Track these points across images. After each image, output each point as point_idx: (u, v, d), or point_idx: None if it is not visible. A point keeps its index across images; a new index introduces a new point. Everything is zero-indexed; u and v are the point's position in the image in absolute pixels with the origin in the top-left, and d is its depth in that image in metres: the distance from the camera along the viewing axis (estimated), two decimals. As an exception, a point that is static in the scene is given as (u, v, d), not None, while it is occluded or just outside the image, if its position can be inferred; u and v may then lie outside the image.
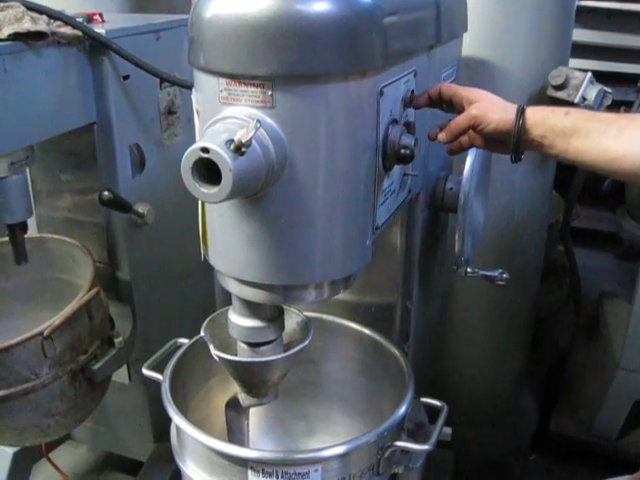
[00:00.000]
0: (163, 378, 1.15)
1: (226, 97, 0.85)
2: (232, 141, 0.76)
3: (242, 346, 1.05)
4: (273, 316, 1.02)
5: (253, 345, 1.04)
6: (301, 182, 0.86)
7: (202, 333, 1.09)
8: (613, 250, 3.06)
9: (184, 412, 1.21)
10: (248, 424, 1.16)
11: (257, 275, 0.93)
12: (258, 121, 0.77)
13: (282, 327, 1.05)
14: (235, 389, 1.13)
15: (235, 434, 1.15)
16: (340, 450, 0.99)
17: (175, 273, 1.69)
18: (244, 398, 1.12)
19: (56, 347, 1.29)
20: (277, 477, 0.97)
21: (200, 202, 0.96)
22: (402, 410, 1.06)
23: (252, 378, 1.08)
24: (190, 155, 0.78)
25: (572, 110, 1.03)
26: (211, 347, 1.06)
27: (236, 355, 1.06)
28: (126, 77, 1.42)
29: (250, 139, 0.76)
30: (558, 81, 1.53)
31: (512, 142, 1.05)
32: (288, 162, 0.85)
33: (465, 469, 1.88)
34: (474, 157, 1.26)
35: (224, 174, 0.76)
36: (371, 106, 0.90)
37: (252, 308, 1.00)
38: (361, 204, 0.94)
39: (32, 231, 1.63)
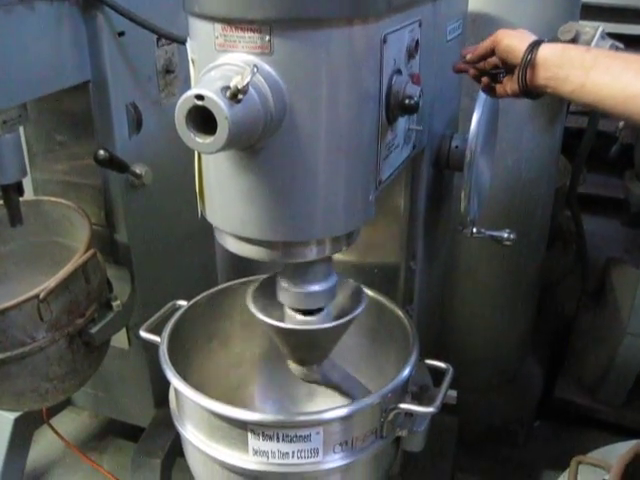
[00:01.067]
0: (161, 340, 1.12)
1: (222, 44, 0.81)
2: (228, 88, 0.73)
3: (290, 313, 1.01)
4: (325, 283, 0.99)
5: (306, 313, 1.00)
6: (301, 133, 0.82)
7: (249, 302, 1.02)
8: (620, 217, 3.01)
9: (183, 375, 1.19)
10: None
11: (255, 231, 0.90)
12: (255, 66, 0.74)
13: (334, 295, 1.02)
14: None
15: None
16: (342, 412, 0.96)
17: (174, 235, 1.66)
18: (294, 368, 1.10)
19: (52, 310, 1.27)
20: (277, 440, 0.95)
21: (196, 155, 0.93)
22: (406, 372, 1.03)
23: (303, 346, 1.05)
24: (184, 103, 0.74)
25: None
26: (264, 318, 1.01)
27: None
28: (121, 33, 1.38)
29: (247, 85, 0.72)
30: (568, 36, 1.47)
31: (523, 59, 1.01)
32: (287, 112, 0.81)
33: (469, 435, 1.87)
34: (480, 114, 1.22)
35: (220, 122, 0.72)
36: (374, 54, 0.86)
37: (305, 275, 0.97)
38: (364, 157, 0.90)
39: (28, 194, 1.60)
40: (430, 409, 1.00)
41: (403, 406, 1.01)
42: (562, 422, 2.09)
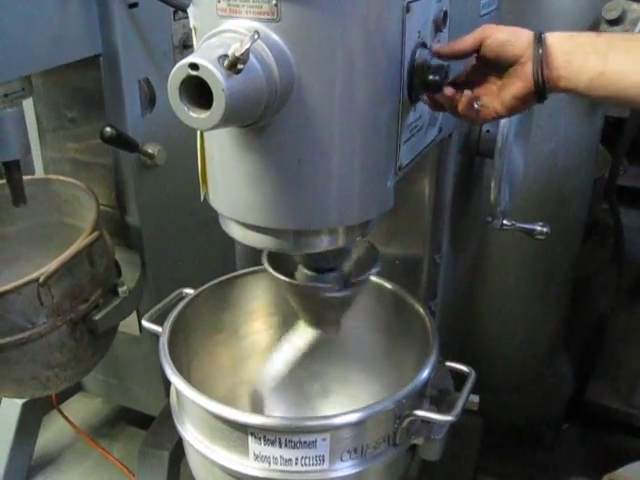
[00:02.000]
0: (162, 331, 1.05)
1: (224, 9, 0.73)
2: (226, 56, 0.64)
3: (307, 272, 0.98)
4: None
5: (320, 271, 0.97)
6: (311, 109, 0.74)
7: (265, 263, 1.01)
8: (660, 211, 2.89)
9: (186, 370, 1.13)
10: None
11: (261, 219, 0.82)
12: (256, 32, 0.65)
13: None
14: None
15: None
16: (352, 418, 0.88)
17: (189, 219, 1.59)
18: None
19: (53, 295, 1.20)
20: (280, 445, 0.87)
21: (199, 133, 0.85)
22: (424, 375, 0.94)
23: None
24: (177, 72, 0.66)
25: (602, 32, 0.86)
26: (280, 276, 0.99)
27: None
28: (133, 5, 1.31)
29: (246, 52, 0.63)
30: (613, 14, 1.36)
31: (535, 50, 0.82)
32: (296, 85, 0.73)
33: (493, 437, 1.78)
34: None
35: (216, 95, 0.64)
36: (395, 23, 0.77)
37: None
38: (382, 138, 0.82)
39: (38, 172, 1.55)
40: (449, 417, 0.92)
41: (419, 413, 0.92)
42: (593, 425, 1.99)
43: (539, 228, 1.20)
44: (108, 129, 1.22)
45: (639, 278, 2.24)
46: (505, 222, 1.20)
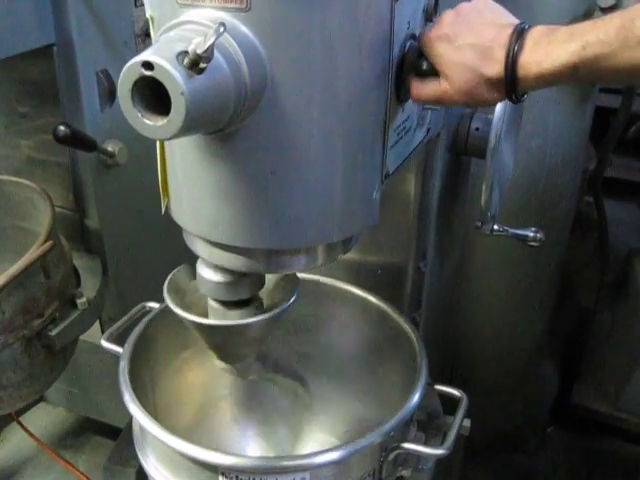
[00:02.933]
0: (122, 353, 0.95)
1: (185, -4, 0.62)
2: (186, 53, 0.54)
3: (213, 305, 0.85)
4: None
5: (227, 304, 0.84)
6: (286, 113, 0.64)
7: (164, 292, 0.88)
8: (642, 202, 2.84)
9: (151, 391, 1.03)
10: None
11: (230, 236, 0.72)
12: (222, 24, 0.55)
13: (262, 283, 0.84)
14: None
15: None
16: (333, 456, 0.79)
17: (153, 222, 1.47)
18: (218, 364, 0.94)
19: (4, 310, 1.10)
20: (254, 487, 0.78)
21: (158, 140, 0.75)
22: (412, 403, 0.85)
23: (225, 342, 0.90)
24: (128, 72, 0.56)
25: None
26: (175, 308, 0.86)
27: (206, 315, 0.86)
28: (90, -11, 1.19)
29: (209, 49, 0.53)
30: (609, 2, 1.28)
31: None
32: (269, 85, 0.63)
33: (477, 441, 1.71)
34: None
35: (174, 99, 0.54)
36: (384, 12, 0.67)
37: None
38: (367, 144, 0.72)
39: (-10, 172, 1.43)
40: (440, 451, 0.83)
41: (407, 446, 0.83)
42: (578, 429, 1.93)
43: (532, 234, 1.12)
44: (62, 128, 1.12)
45: (624, 272, 2.17)
46: (496, 227, 1.12)
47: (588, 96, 1.53)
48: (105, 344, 1.00)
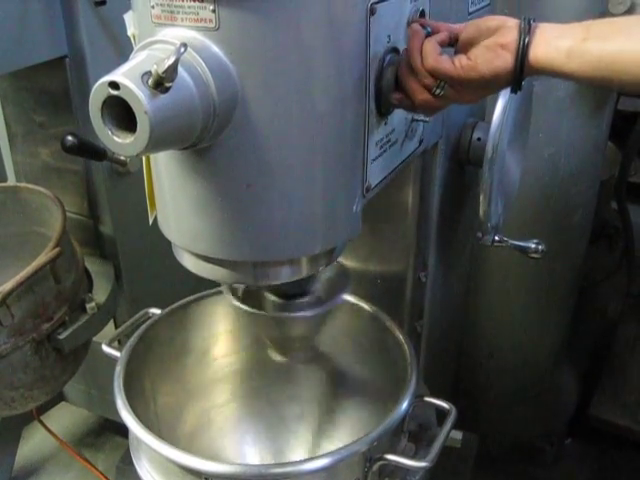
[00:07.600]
0: (120, 358, 0.97)
1: (159, 15, 0.65)
2: (151, 73, 0.56)
3: (270, 297, 0.91)
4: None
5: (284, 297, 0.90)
6: (258, 128, 0.65)
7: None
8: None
9: (151, 396, 1.05)
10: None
11: (210, 248, 0.73)
12: (183, 44, 0.56)
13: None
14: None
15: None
16: (316, 465, 0.79)
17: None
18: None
19: (14, 314, 1.13)
20: (241, 494, 0.79)
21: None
22: (397, 415, 0.86)
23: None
24: (97, 92, 0.58)
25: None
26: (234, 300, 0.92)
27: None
28: (100, 3, 1.22)
29: (170, 69, 0.55)
30: (621, 9, 1.26)
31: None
32: (240, 101, 0.64)
33: (491, 452, 1.69)
34: (507, 99, 1.02)
35: (139, 117, 0.56)
36: (358, 27, 0.68)
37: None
38: (345, 158, 0.73)
39: (10, 179, 1.47)
40: (422, 464, 0.83)
41: (390, 457, 0.83)
42: (596, 442, 1.89)
43: (534, 246, 1.10)
44: (69, 138, 1.14)
45: (651, 283, 2.13)
46: (497, 238, 1.11)
47: (605, 103, 1.50)
48: (106, 349, 1.03)
